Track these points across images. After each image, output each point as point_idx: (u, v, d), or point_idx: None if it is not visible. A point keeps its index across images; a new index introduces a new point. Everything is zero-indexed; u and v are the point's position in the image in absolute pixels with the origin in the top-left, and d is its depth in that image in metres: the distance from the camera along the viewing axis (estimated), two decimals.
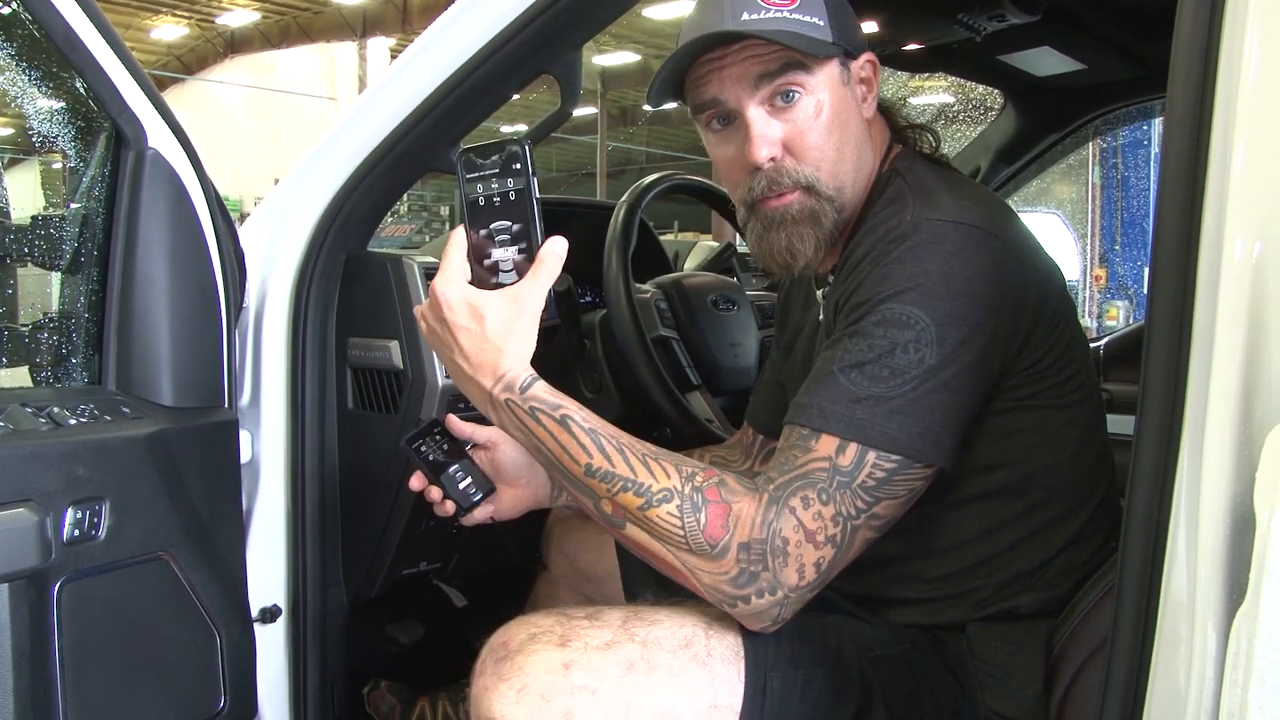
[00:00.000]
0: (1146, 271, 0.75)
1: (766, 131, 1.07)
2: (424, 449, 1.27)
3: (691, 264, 2.54)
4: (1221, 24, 0.67)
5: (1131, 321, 9.32)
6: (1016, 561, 1.09)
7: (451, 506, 1.29)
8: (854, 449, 0.94)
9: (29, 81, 1.19)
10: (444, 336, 1.02)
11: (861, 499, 0.94)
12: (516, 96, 1.38)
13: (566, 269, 1.70)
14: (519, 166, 1.03)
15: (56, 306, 1.24)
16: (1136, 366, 0.72)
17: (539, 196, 1.05)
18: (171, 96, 19.56)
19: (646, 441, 1.00)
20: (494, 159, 1.04)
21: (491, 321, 0.99)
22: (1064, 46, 1.87)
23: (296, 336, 1.45)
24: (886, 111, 1.19)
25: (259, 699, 1.34)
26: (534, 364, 1.86)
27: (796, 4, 1.05)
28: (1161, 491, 0.70)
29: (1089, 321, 9.84)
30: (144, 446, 1.13)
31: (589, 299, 2.04)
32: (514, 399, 1.00)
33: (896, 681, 1.06)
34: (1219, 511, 0.64)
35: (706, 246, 3.63)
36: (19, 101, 1.19)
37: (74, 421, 1.07)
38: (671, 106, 1.18)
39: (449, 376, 1.48)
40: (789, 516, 0.93)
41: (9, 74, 1.19)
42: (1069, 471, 1.10)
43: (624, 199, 1.77)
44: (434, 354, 1.06)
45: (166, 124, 1.20)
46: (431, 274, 1.54)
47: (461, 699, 1.05)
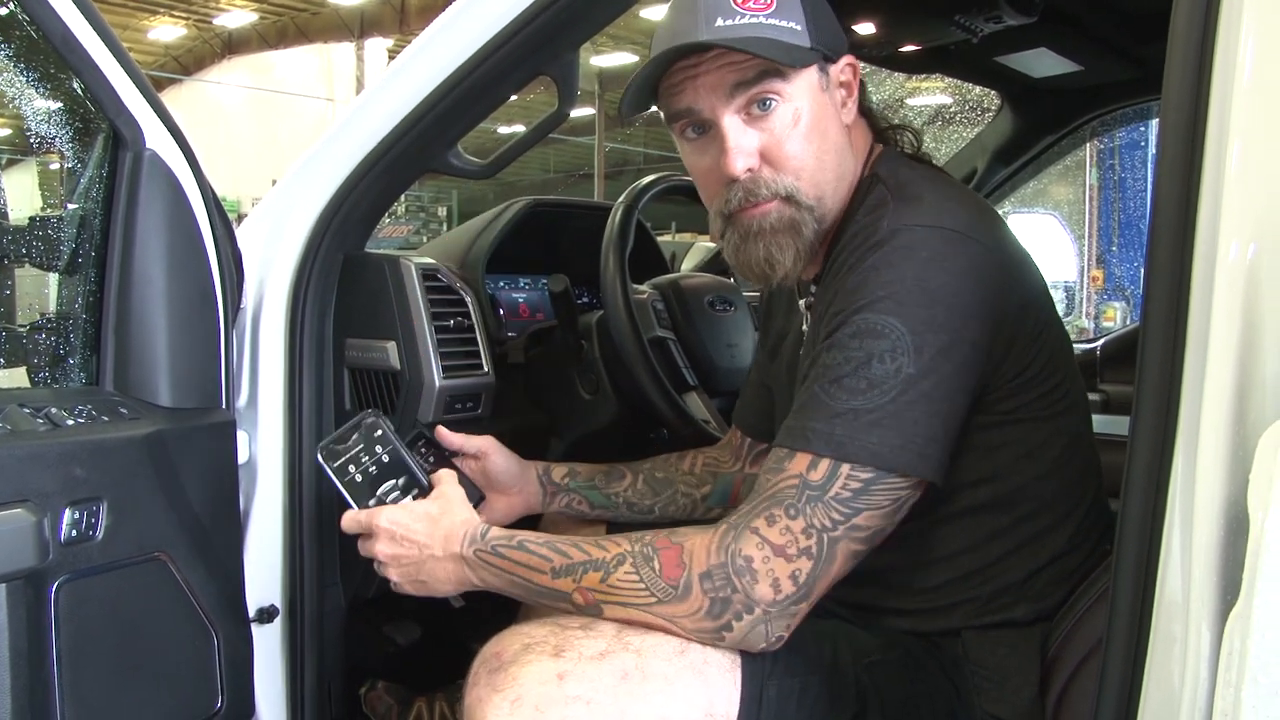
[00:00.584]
0: (1142, 273, 0.75)
1: (742, 142, 1.04)
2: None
3: (688, 265, 2.54)
4: (1216, 25, 0.67)
5: (1129, 322, 9.31)
6: (1007, 572, 1.08)
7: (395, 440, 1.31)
8: (826, 464, 0.93)
9: (27, 82, 1.20)
10: (408, 550, 1.11)
11: (836, 511, 0.93)
12: (514, 97, 1.38)
13: (565, 269, 1.71)
14: (380, 433, 1.16)
15: (54, 307, 1.24)
16: (1134, 368, 0.72)
17: (404, 445, 1.18)
18: (169, 97, 19.53)
19: (640, 457, 0.99)
20: (354, 439, 1.16)
21: (434, 510, 1.12)
22: (1061, 48, 1.87)
23: (294, 337, 1.45)
24: (867, 113, 1.16)
25: (256, 699, 1.34)
26: (533, 364, 1.86)
27: (773, 8, 1.02)
28: (1156, 492, 0.70)
29: (1086, 323, 9.83)
30: (141, 447, 1.13)
31: (586, 300, 2.04)
32: (480, 548, 1.07)
33: (892, 687, 1.05)
34: (1213, 512, 0.64)
35: (704, 247, 3.63)
36: (17, 102, 1.20)
37: (71, 422, 1.07)
38: None
39: (445, 375, 1.48)
40: (750, 536, 0.94)
41: (7, 75, 1.19)
42: (1056, 482, 1.09)
43: (621, 200, 1.77)
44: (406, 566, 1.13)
45: (164, 125, 1.20)
46: (429, 275, 1.54)
47: (458, 700, 1.05)
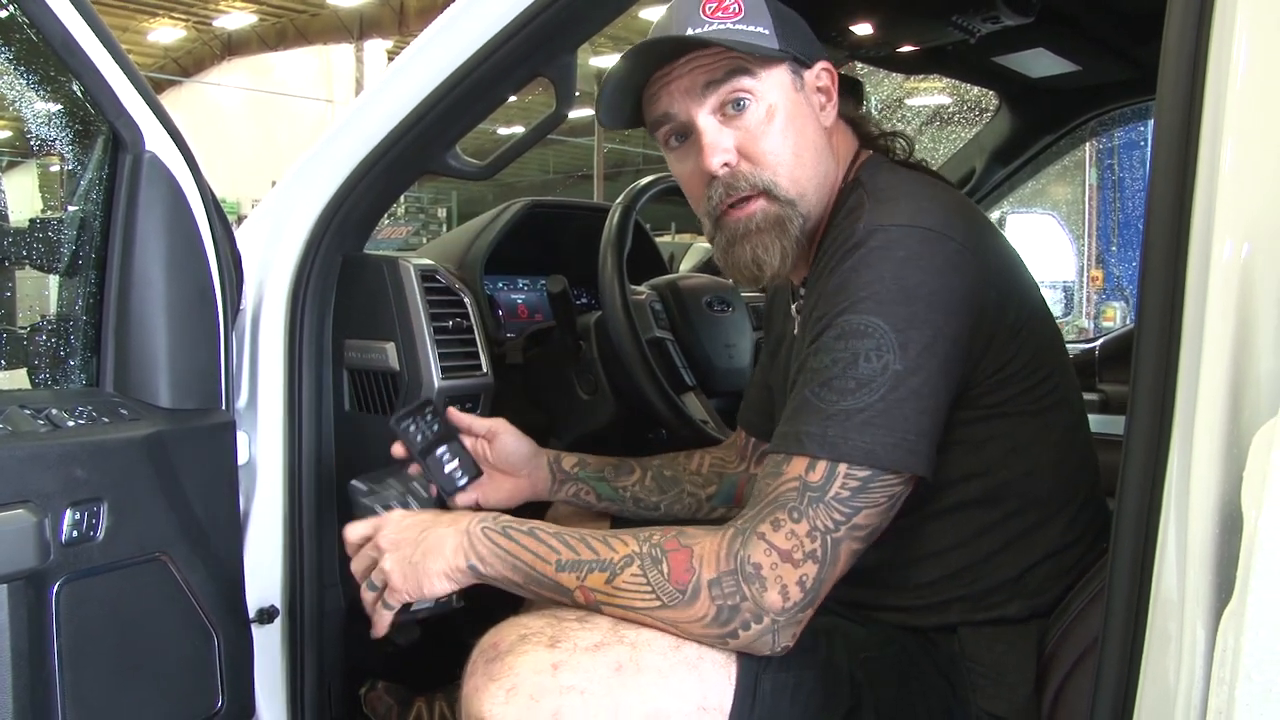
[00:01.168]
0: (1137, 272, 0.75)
1: (719, 140, 1.07)
2: (412, 429, 1.30)
3: (687, 265, 2.54)
4: (1210, 26, 0.67)
5: (1128, 322, 9.30)
6: (1000, 569, 1.09)
7: (434, 489, 1.31)
8: (824, 465, 0.94)
9: (27, 85, 1.20)
10: (408, 532, 1.12)
11: (838, 511, 0.94)
12: (514, 99, 1.38)
13: (564, 270, 1.71)
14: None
15: (54, 309, 1.24)
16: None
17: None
18: (169, 99, 19.54)
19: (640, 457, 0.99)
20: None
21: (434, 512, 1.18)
22: (1058, 48, 1.88)
23: (293, 338, 1.45)
24: (853, 121, 1.18)
25: (256, 699, 1.35)
26: (531, 364, 1.85)
27: (740, 16, 1.06)
28: (1151, 491, 0.70)
29: (1086, 322, 9.82)
30: (142, 448, 1.13)
31: (585, 300, 2.05)
32: (489, 526, 1.07)
33: (887, 683, 1.06)
34: (1208, 510, 0.64)
35: (702, 248, 3.64)
36: (17, 105, 1.20)
37: (72, 423, 1.08)
38: None
39: (443, 376, 1.49)
40: (757, 542, 0.94)
41: (7, 78, 1.19)
42: (1047, 477, 1.09)
43: (619, 201, 1.77)
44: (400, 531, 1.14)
45: (163, 127, 1.20)
46: (428, 276, 1.55)
47: (458, 699, 1.05)
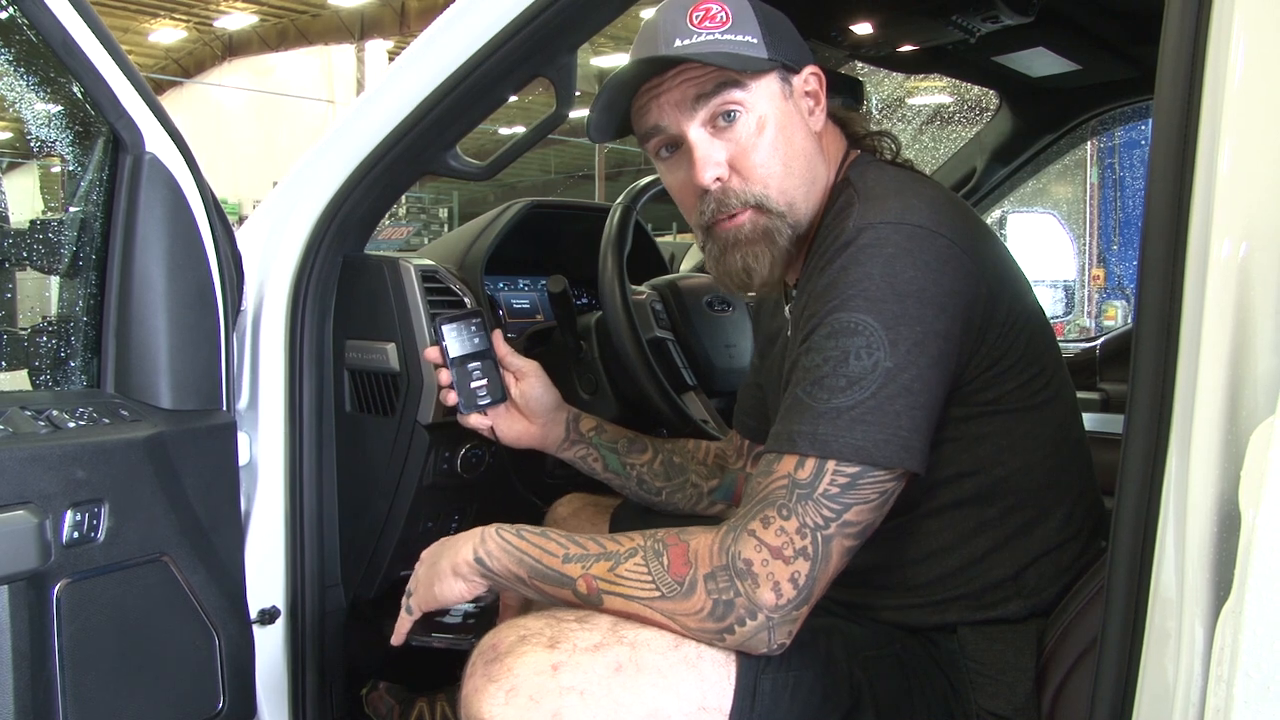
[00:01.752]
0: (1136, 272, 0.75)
1: (710, 153, 1.07)
2: (454, 334, 1.33)
3: (687, 266, 2.54)
4: (1208, 26, 0.68)
5: (1129, 321, 9.29)
6: (997, 567, 1.09)
7: (453, 398, 1.34)
8: (812, 462, 0.95)
9: (27, 87, 1.20)
10: (436, 551, 1.15)
11: (827, 508, 0.94)
12: (514, 99, 1.38)
13: (564, 270, 1.71)
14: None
15: (55, 310, 1.24)
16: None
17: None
18: (170, 100, 19.55)
19: None
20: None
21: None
22: (1058, 47, 1.88)
23: (294, 339, 1.45)
24: (843, 122, 1.19)
25: (258, 700, 1.35)
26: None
27: (728, 25, 1.06)
28: (1150, 490, 0.70)
29: (1088, 321, 9.82)
30: (142, 449, 1.13)
31: (585, 301, 2.05)
32: (504, 528, 1.10)
33: (886, 682, 1.06)
34: (1206, 509, 0.64)
35: None
36: (18, 106, 1.20)
37: (73, 424, 1.08)
38: None
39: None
40: (748, 539, 0.95)
41: (8, 79, 1.19)
42: (1042, 474, 1.10)
43: (619, 201, 1.77)
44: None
45: (164, 128, 1.21)
46: (428, 276, 1.55)
47: (459, 700, 1.06)
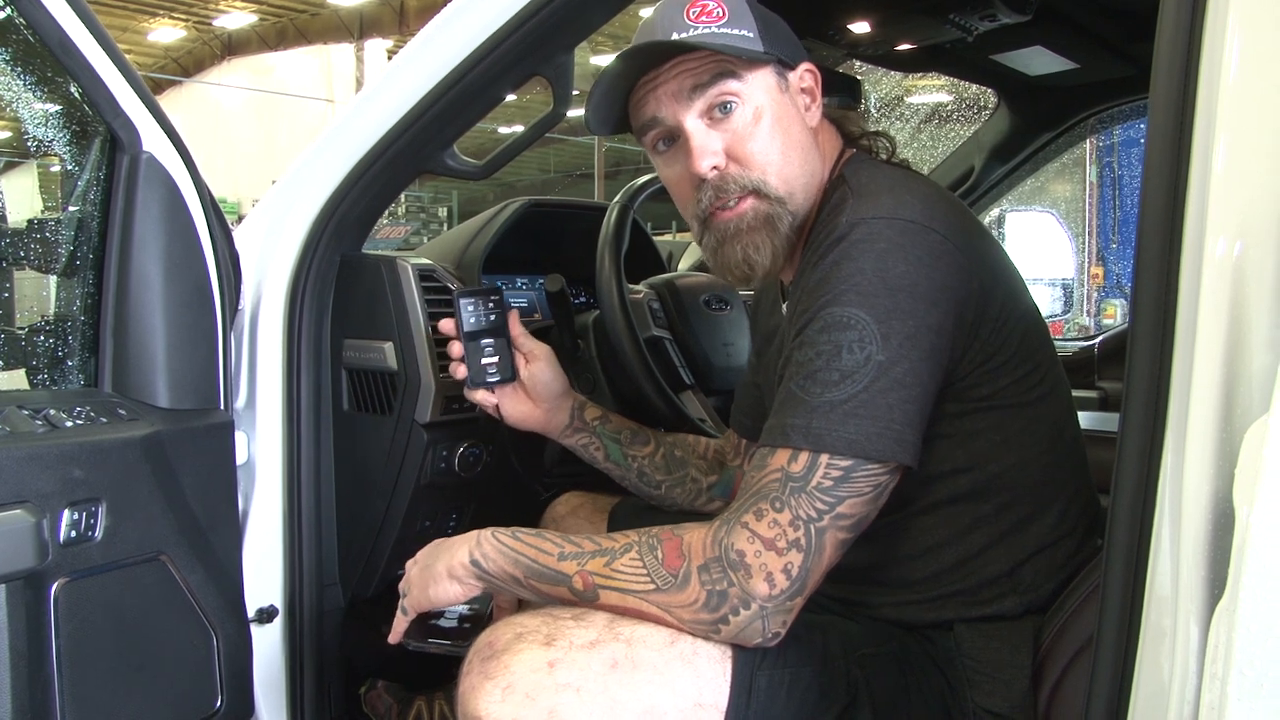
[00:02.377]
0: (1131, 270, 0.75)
1: (707, 143, 1.08)
2: (470, 308, 1.34)
3: (685, 264, 2.54)
4: (1203, 25, 0.68)
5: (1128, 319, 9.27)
6: (992, 564, 1.09)
7: (463, 372, 1.35)
8: (806, 455, 0.95)
9: (24, 86, 1.20)
10: (431, 553, 1.15)
11: (820, 501, 0.94)
12: (513, 97, 1.38)
13: (562, 269, 1.71)
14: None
15: (52, 310, 1.24)
16: None
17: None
18: (169, 99, 19.54)
19: None
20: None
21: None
22: (1056, 46, 1.88)
23: (292, 338, 1.45)
24: (838, 121, 1.19)
25: (255, 699, 1.35)
26: None
27: (724, 20, 1.07)
28: (1145, 488, 0.70)
29: (1086, 320, 9.81)
30: (140, 448, 1.14)
31: (583, 299, 2.05)
32: (500, 531, 1.10)
33: (883, 680, 1.06)
34: (1201, 507, 0.64)
35: None
36: (15, 106, 1.20)
37: (70, 424, 1.08)
38: None
39: (442, 375, 1.49)
40: (740, 530, 0.95)
41: (5, 79, 1.19)
42: (1037, 470, 1.10)
43: (616, 199, 1.77)
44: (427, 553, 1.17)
45: (161, 127, 1.21)
46: (426, 275, 1.55)
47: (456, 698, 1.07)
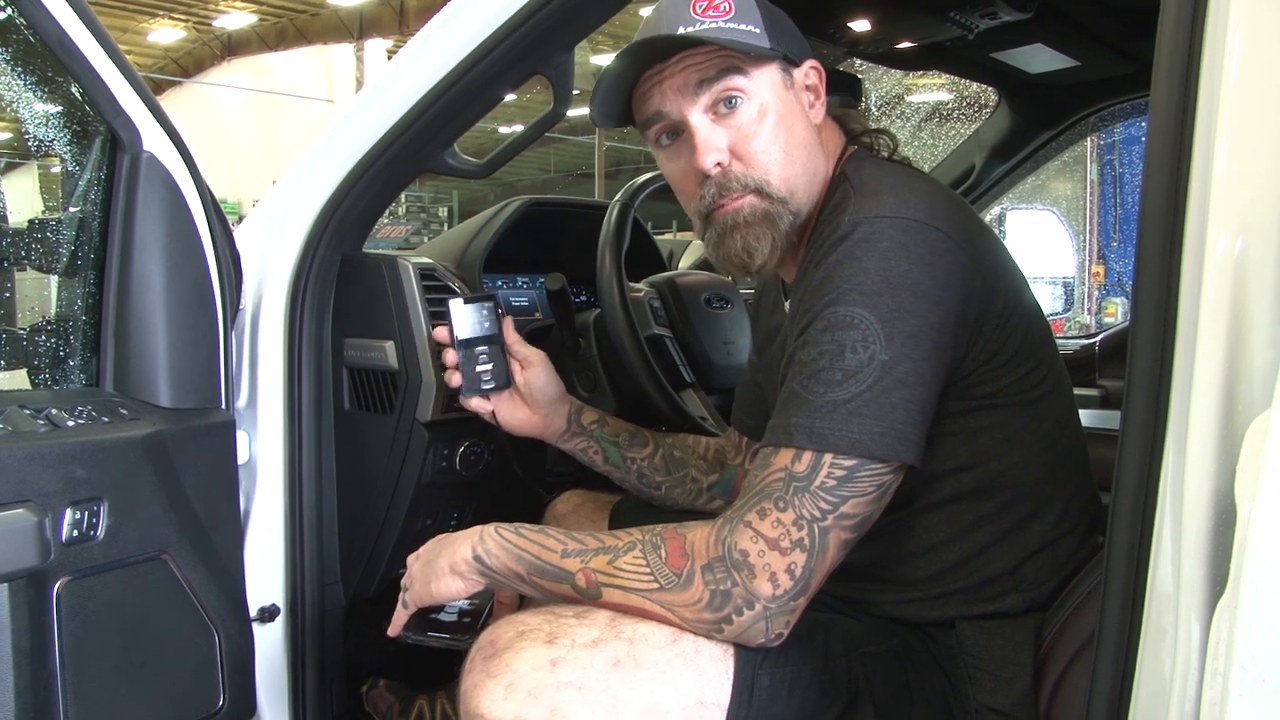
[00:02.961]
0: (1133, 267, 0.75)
1: (711, 139, 1.08)
2: (465, 316, 1.35)
3: (686, 263, 2.54)
4: (1204, 22, 0.68)
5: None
6: (994, 562, 1.09)
7: (458, 379, 1.35)
8: (809, 455, 0.95)
9: (25, 86, 1.20)
10: (430, 548, 1.16)
11: (824, 500, 0.94)
12: (513, 97, 1.38)
13: (562, 268, 1.71)
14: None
15: (54, 309, 1.24)
16: None
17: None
18: (169, 100, 19.55)
19: None
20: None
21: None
22: (1057, 43, 1.88)
23: (293, 338, 1.45)
24: (840, 119, 1.19)
25: (257, 697, 1.35)
26: None
27: (731, 15, 1.07)
28: (1146, 485, 0.70)
29: (1087, 318, 9.80)
30: (141, 447, 1.14)
31: (583, 298, 2.05)
32: (503, 527, 1.10)
33: (884, 678, 1.06)
34: (1202, 504, 0.64)
35: (701, 245, 3.63)
36: (15, 106, 1.20)
37: (72, 423, 1.08)
38: None
39: (438, 370, 1.49)
40: (744, 530, 0.95)
41: (5, 79, 1.19)
42: (1039, 468, 1.10)
43: (617, 198, 1.77)
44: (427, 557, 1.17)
45: (161, 127, 1.21)
46: (427, 274, 1.55)
47: (459, 697, 1.07)
